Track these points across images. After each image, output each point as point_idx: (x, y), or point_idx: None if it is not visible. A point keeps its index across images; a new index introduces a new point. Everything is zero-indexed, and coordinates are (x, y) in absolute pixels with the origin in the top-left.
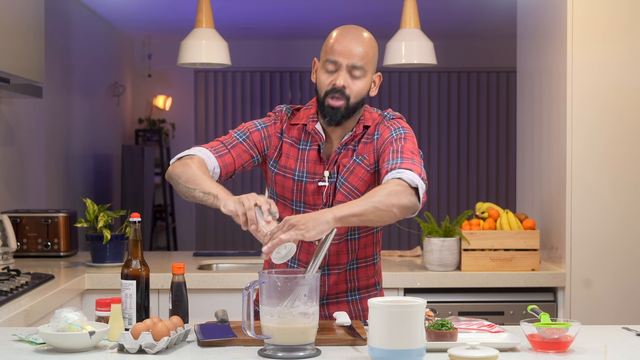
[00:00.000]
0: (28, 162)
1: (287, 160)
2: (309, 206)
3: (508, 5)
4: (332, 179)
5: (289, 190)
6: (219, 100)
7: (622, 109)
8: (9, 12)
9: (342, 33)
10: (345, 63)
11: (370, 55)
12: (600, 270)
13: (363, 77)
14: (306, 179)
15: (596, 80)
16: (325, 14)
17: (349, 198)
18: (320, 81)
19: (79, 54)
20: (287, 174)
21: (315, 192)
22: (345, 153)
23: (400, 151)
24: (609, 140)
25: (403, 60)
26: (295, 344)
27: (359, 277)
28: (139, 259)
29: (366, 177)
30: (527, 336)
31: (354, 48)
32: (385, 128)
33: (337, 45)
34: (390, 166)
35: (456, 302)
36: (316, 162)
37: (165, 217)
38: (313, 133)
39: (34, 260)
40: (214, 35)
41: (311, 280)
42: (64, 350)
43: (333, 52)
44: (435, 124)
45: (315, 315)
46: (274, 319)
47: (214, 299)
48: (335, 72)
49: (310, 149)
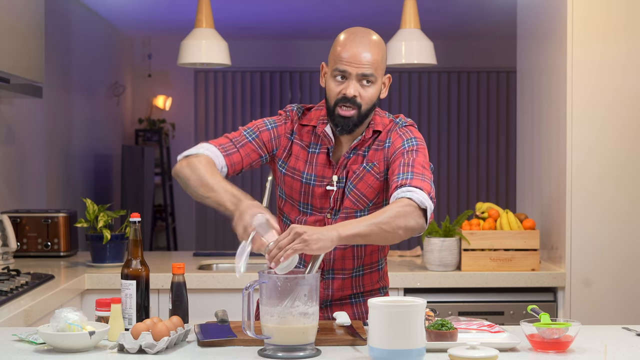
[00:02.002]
0: (28, 162)
1: (297, 162)
2: (316, 209)
3: (508, 5)
4: (340, 184)
5: (297, 191)
6: (219, 100)
7: (622, 109)
8: (9, 12)
9: (349, 38)
10: (355, 72)
11: (380, 60)
12: (600, 270)
13: (374, 84)
14: (314, 182)
15: (596, 80)
16: (326, 14)
17: (356, 205)
18: (330, 89)
19: (79, 54)
20: (295, 175)
21: (322, 195)
22: (355, 159)
23: (412, 165)
24: (609, 140)
25: (403, 60)
26: (295, 344)
27: (364, 284)
28: (139, 259)
29: (375, 185)
30: (527, 336)
31: (362, 56)
32: (398, 137)
33: (344, 53)
34: (400, 181)
35: (456, 302)
36: (325, 165)
37: (165, 217)
38: (322, 136)
39: (34, 260)
40: (214, 35)
41: (311, 280)
42: (64, 350)
43: (341, 61)
44: (435, 124)
45: (316, 315)
46: (274, 319)
47: (214, 299)
48: (345, 81)
49: (319, 152)
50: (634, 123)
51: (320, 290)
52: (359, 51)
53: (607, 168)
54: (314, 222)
